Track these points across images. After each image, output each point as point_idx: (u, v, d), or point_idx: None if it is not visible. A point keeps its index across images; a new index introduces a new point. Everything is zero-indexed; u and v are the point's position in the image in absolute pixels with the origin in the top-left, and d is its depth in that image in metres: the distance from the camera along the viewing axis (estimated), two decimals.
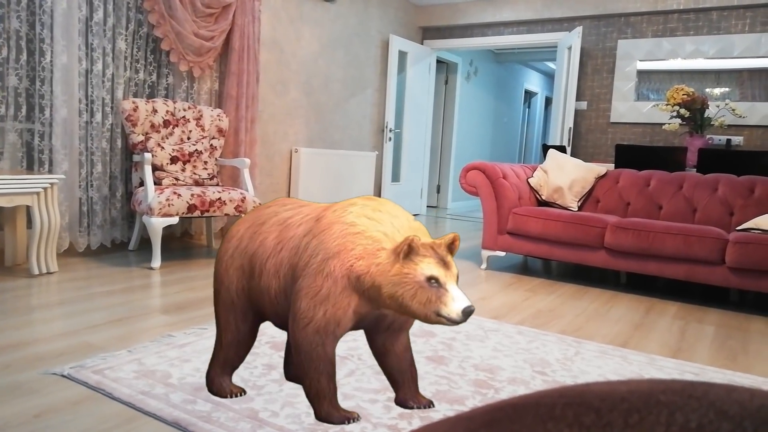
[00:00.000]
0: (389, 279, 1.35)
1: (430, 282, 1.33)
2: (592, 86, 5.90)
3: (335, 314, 1.41)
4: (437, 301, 1.32)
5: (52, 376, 1.72)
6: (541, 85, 10.86)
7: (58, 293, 2.66)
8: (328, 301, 1.40)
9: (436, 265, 1.35)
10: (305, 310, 1.41)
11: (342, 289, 1.40)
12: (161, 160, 3.54)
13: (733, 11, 5.19)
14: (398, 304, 1.35)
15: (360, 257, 1.39)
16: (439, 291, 1.33)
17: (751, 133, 5.14)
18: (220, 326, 1.63)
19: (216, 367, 1.64)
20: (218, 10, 4.08)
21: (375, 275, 1.37)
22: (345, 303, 1.41)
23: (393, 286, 1.34)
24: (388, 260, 1.37)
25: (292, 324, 1.45)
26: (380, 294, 1.37)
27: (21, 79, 3.21)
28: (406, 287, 1.33)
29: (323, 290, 1.40)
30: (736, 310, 3.14)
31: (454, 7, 6.64)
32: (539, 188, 4.07)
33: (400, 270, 1.34)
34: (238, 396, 1.64)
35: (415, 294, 1.33)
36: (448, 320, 1.33)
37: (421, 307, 1.32)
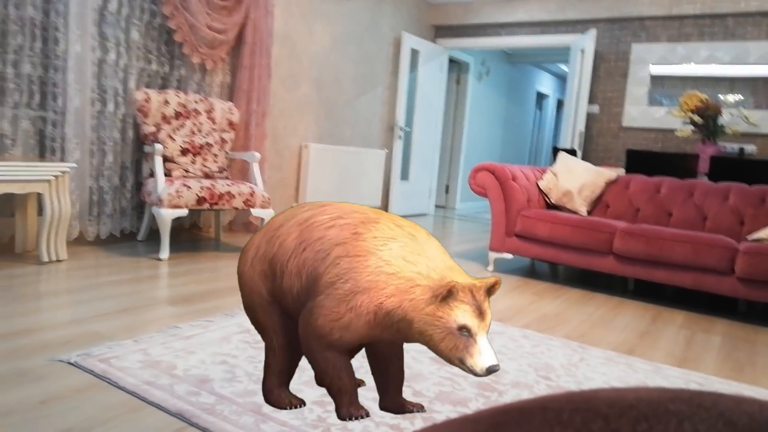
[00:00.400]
0: (421, 317, 1.35)
1: (462, 331, 1.33)
2: (604, 90, 5.86)
3: (351, 340, 1.43)
4: (464, 350, 1.33)
5: (58, 363, 1.74)
6: (554, 88, 10.81)
7: (67, 281, 2.69)
8: (347, 331, 1.41)
9: (471, 315, 1.34)
10: (322, 327, 1.42)
11: (364, 324, 1.40)
12: (172, 152, 3.56)
13: (750, 18, 5.14)
14: (425, 341, 1.36)
15: (392, 295, 1.38)
16: (468, 341, 1.33)
17: (764, 142, 5.09)
18: (266, 334, 1.57)
19: (272, 377, 1.59)
20: (232, 3, 4.09)
21: (407, 310, 1.37)
22: (363, 332, 1.42)
23: (424, 325, 1.35)
24: (422, 297, 1.36)
25: (305, 329, 1.44)
26: (410, 328, 1.37)
27: (35, 67, 3.23)
28: (437, 330, 1.34)
29: (344, 320, 1.40)
30: (744, 321, 3.12)
31: (468, 6, 6.61)
32: (548, 191, 4.05)
33: (434, 312, 1.34)
34: (298, 407, 1.58)
35: (444, 338, 1.34)
36: (470, 371, 1.34)
37: (447, 351, 1.34)
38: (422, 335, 1.36)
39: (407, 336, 1.39)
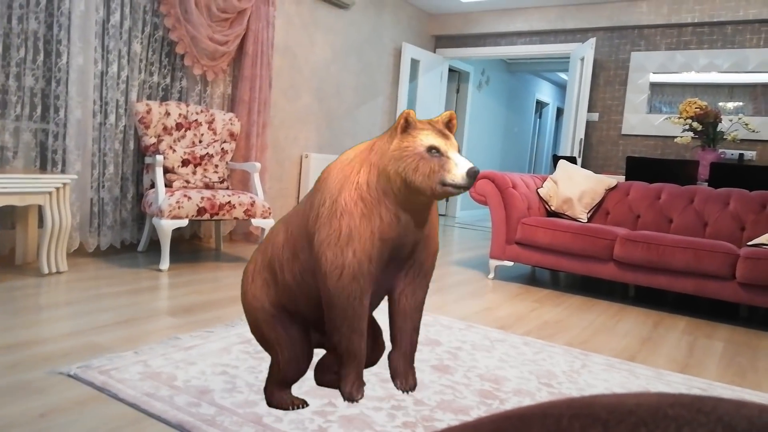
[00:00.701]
0: (390, 155, 1.34)
1: (431, 152, 1.32)
2: (604, 98, 5.88)
3: (363, 251, 1.36)
4: (440, 170, 1.31)
5: (58, 376, 1.73)
6: (553, 96, 10.84)
7: (67, 293, 2.68)
8: (353, 240, 1.35)
9: (435, 136, 1.34)
10: (333, 260, 1.36)
11: (360, 217, 1.36)
12: (173, 163, 3.57)
13: (748, 26, 5.17)
14: (404, 180, 1.33)
15: (359, 170, 1.38)
16: (441, 160, 1.32)
17: (764, 148, 5.10)
18: (272, 349, 1.57)
19: (273, 383, 1.59)
20: (233, 15, 4.11)
21: (378, 164, 1.36)
22: (368, 233, 1.36)
23: (396, 162, 1.33)
24: (383, 144, 1.36)
25: (325, 280, 1.38)
26: (389, 178, 1.34)
27: (37, 80, 3.25)
28: (408, 160, 1.32)
29: (344, 230, 1.35)
30: (745, 326, 3.11)
31: (468, 16, 6.65)
32: (549, 199, 4.05)
33: (400, 145, 1.34)
34: (300, 407, 1.59)
35: (417, 166, 1.31)
36: (454, 186, 1.31)
37: (426, 179, 1.31)
38: (399, 175, 1.33)
39: (394, 191, 1.35)
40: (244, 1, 4.12)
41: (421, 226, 1.47)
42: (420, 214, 1.44)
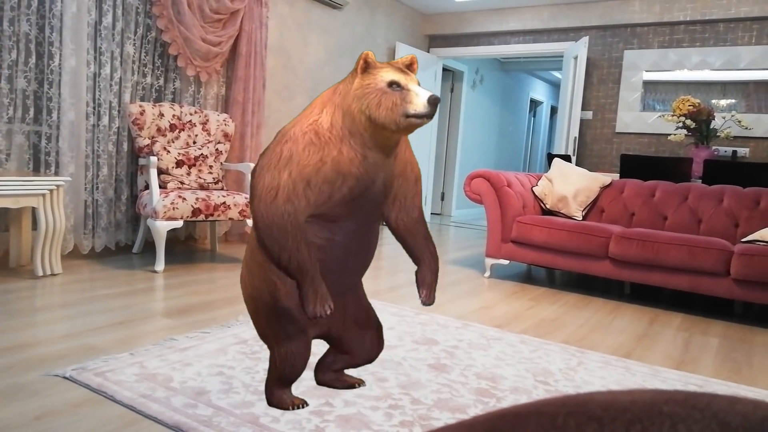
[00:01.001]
0: (353, 94, 1.37)
1: (392, 87, 1.35)
2: (597, 96, 5.90)
3: (302, 172, 1.34)
4: (402, 103, 1.34)
5: (53, 378, 1.72)
6: (547, 95, 10.86)
7: (62, 295, 2.67)
8: (291, 162, 1.35)
9: (395, 72, 1.37)
10: (270, 182, 1.34)
11: (306, 145, 1.36)
12: (167, 164, 3.56)
13: (740, 23, 5.19)
14: (369, 117, 1.35)
15: (320, 111, 1.40)
16: (403, 93, 1.35)
17: (757, 145, 5.13)
18: (270, 341, 1.58)
19: (273, 381, 1.60)
20: (226, 16, 4.10)
21: (342, 105, 1.38)
22: (315, 159, 1.35)
23: (359, 100, 1.36)
24: (347, 84, 1.39)
25: (257, 204, 1.36)
26: (354, 118, 1.36)
27: (29, 82, 3.23)
28: (371, 97, 1.35)
29: (284, 153, 1.35)
30: (740, 322, 3.12)
31: (461, 15, 6.66)
32: (544, 197, 4.06)
33: (361, 83, 1.37)
34: (300, 407, 1.59)
35: (380, 101, 1.34)
36: (416, 116, 1.33)
37: (389, 113, 1.34)
38: (363, 113, 1.35)
39: (360, 129, 1.36)
40: (236, 2, 4.11)
41: (391, 161, 1.47)
42: (389, 150, 1.44)
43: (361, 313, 1.71)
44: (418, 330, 2.46)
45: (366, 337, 1.72)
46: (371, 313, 1.74)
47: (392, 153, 1.46)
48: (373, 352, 1.75)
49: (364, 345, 1.72)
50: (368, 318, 1.73)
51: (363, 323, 1.71)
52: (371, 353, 1.75)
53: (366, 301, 1.74)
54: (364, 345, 1.72)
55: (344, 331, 1.68)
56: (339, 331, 1.68)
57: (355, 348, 1.72)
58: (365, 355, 1.75)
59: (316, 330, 1.63)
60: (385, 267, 4.06)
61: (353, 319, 1.69)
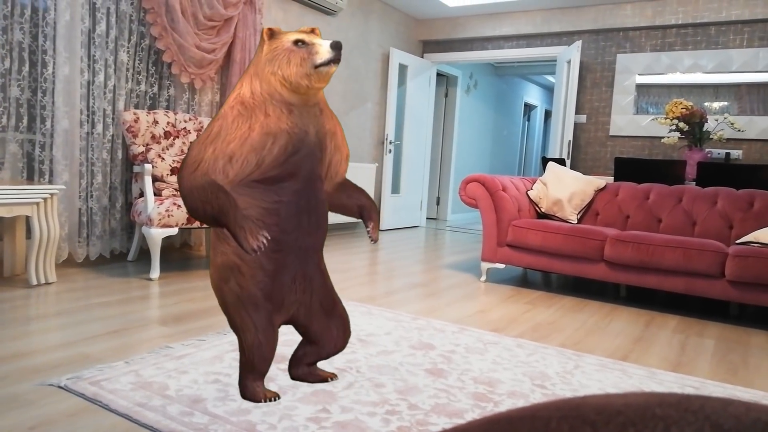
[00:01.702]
0: (264, 60, 1.46)
1: (298, 44, 1.45)
2: (591, 100, 5.92)
3: (225, 149, 1.43)
4: (309, 56, 1.44)
5: (48, 388, 1.71)
6: (541, 99, 10.91)
7: (56, 304, 2.66)
8: (218, 138, 1.43)
9: (299, 33, 1.49)
10: (195, 155, 1.44)
11: (234, 118, 1.44)
12: (161, 171, 3.55)
13: (731, 26, 5.23)
14: (282, 77, 1.44)
15: (240, 86, 1.49)
16: (308, 47, 1.45)
17: (749, 147, 5.16)
18: (239, 332, 1.63)
19: (246, 374, 1.65)
20: (220, 23, 4.11)
21: (256, 73, 1.47)
22: (242, 130, 1.43)
23: (270, 63, 1.46)
24: (259, 54, 1.49)
25: (181, 173, 1.45)
26: (269, 82, 1.46)
27: (23, 90, 3.22)
28: (279, 57, 1.45)
29: (214, 130, 1.45)
30: (736, 323, 3.13)
31: (455, 20, 6.69)
32: (539, 201, 4.07)
33: (269, 48, 1.47)
34: (273, 401, 1.65)
35: (289, 59, 1.44)
36: (324, 63, 1.44)
37: (299, 68, 1.44)
38: (276, 74, 1.44)
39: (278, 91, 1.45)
40: (230, 9, 4.12)
41: (316, 112, 1.57)
42: (311, 110, 1.54)
43: (326, 295, 1.75)
44: (415, 335, 2.45)
45: (332, 325, 1.77)
46: (337, 300, 1.79)
47: (314, 104, 1.55)
48: (340, 341, 1.80)
49: (331, 333, 1.77)
50: (334, 303, 1.77)
51: (329, 309, 1.75)
52: (338, 342, 1.80)
53: (330, 285, 1.78)
54: (331, 333, 1.77)
55: (311, 316, 1.72)
56: (307, 315, 1.71)
57: (322, 337, 1.76)
58: (332, 344, 1.79)
59: (283, 315, 1.67)
60: (380, 272, 4.06)
61: (319, 300, 1.73)
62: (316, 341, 1.78)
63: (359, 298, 3.07)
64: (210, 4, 3.96)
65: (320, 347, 1.79)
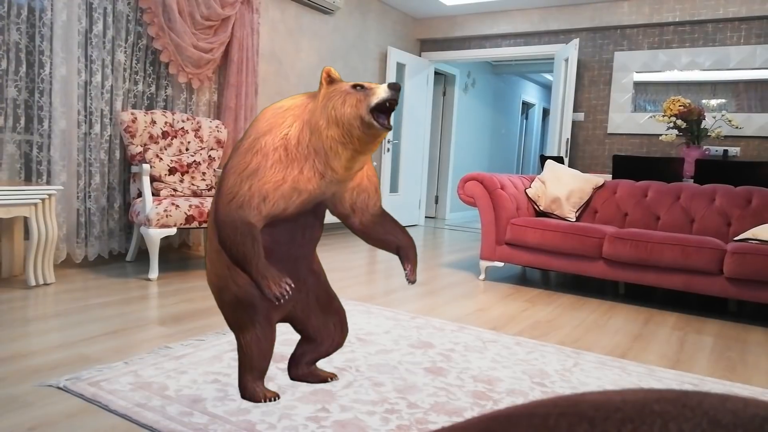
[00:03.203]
0: (320, 105, 1.43)
1: (356, 88, 1.42)
2: (589, 98, 5.93)
3: (261, 188, 1.42)
4: (366, 99, 1.40)
5: (47, 389, 1.71)
6: (539, 97, 10.91)
7: (55, 305, 2.65)
8: (255, 176, 1.42)
9: (360, 82, 1.46)
10: (231, 186, 1.43)
11: (273, 162, 1.42)
12: (159, 171, 3.54)
13: (728, 23, 5.23)
14: (335, 119, 1.40)
15: (291, 124, 1.45)
16: (366, 91, 1.42)
17: (747, 144, 5.16)
18: (237, 331, 1.63)
19: (246, 374, 1.65)
20: (217, 23, 4.10)
21: (310, 121, 1.44)
22: (278, 177, 1.42)
23: (324, 109, 1.42)
24: (316, 99, 1.46)
25: (217, 200, 1.46)
26: (320, 134, 1.42)
27: (20, 91, 3.22)
28: (335, 99, 1.42)
29: (252, 165, 1.43)
30: (734, 320, 3.14)
31: (452, 19, 6.68)
32: (537, 199, 4.07)
33: (326, 92, 1.44)
34: (273, 400, 1.65)
35: (344, 100, 1.41)
36: (380, 101, 1.39)
37: (354, 109, 1.40)
38: (329, 119, 1.41)
39: (324, 148, 1.42)
40: (227, 9, 4.12)
41: (346, 184, 1.57)
42: (352, 172, 1.51)
43: (321, 291, 1.75)
44: (414, 334, 2.46)
45: (329, 322, 1.77)
46: (333, 296, 1.79)
47: (353, 174, 1.53)
48: (338, 337, 1.80)
49: (328, 330, 1.77)
50: (330, 299, 1.77)
51: (325, 305, 1.76)
52: (336, 339, 1.80)
53: (326, 281, 1.79)
54: (328, 330, 1.77)
55: (309, 313, 1.73)
56: (303, 312, 1.72)
57: (319, 334, 1.77)
58: (330, 341, 1.79)
59: (280, 313, 1.67)
60: (379, 271, 4.06)
61: (315, 296, 1.73)
62: (314, 338, 1.78)
63: (358, 297, 3.07)
64: (207, 4, 3.96)
65: (318, 344, 1.79)
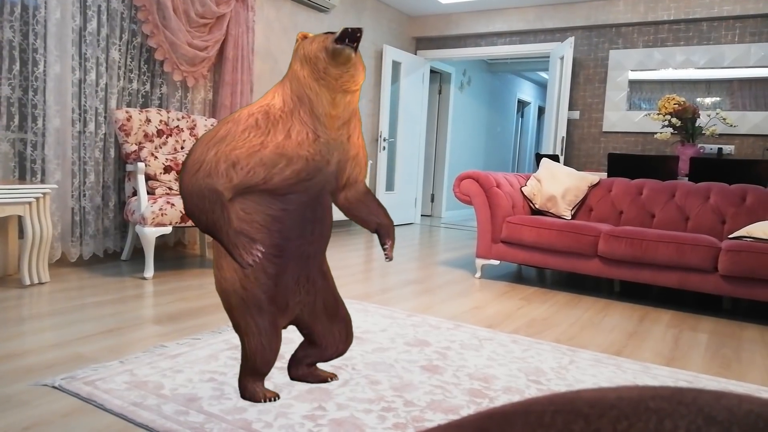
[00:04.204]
0: (295, 55, 1.50)
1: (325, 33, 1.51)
2: (584, 96, 5.94)
3: (229, 154, 1.39)
4: (330, 36, 1.47)
5: (42, 388, 1.71)
6: (534, 95, 10.92)
7: (50, 304, 2.64)
8: (222, 142, 1.40)
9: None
10: (198, 155, 1.40)
11: (247, 128, 1.41)
12: (155, 170, 3.53)
13: (723, 22, 5.25)
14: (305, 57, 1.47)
15: (273, 95, 1.46)
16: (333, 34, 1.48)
17: (742, 142, 5.19)
18: (242, 334, 1.62)
19: (247, 375, 1.66)
20: (212, 21, 4.09)
21: (289, 76, 1.48)
22: (253, 143, 1.40)
23: (296, 53, 1.51)
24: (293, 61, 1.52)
25: (182, 174, 1.41)
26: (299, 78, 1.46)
27: (14, 89, 3.20)
28: (306, 42, 1.51)
29: (220, 132, 1.41)
30: (729, 317, 3.15)
31: (448, 17, 6.68)
32: (533, 197, 4.08)
33: (300, 43, 1.52)
34: (273, 401, 1.65)
35: (312, 40, 1.50)
36: (338, 38, 1.44)
37: (320, 44, 1.48)
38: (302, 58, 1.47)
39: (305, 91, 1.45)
40: (222, 6, 4.10)
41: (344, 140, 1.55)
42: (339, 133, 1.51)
43: (329, 297, 1.74)
44: (410, 331, 2.46)
45: (335, 329, 1.76)
46: (340, 303, 1.78)
47: (343, 127, 1.52)
48: (342, 345, 1.80)
49: (333, 337, 1.77)
50: (337, 306, 1.76)
51: (332, 312, 1.75)
52: (340, 346, 1.79)
53: (334, 287, 1.78)
54: (333, 337, 1.77)
55: (314, 318, 1.72)
56: (310, 316, 1.71)
57: (324, 340, 1.76)
58: (334, 348, 1.79)
59: (287, 317, 1.67)
60: (376, 269, 4.06)
61: (323, 302, 1.72)
62: (318, 343, 1.77)
63: (355, 296, 3.07)
64: (202, 2, 3.94)
65: (322, 350, 1.78)
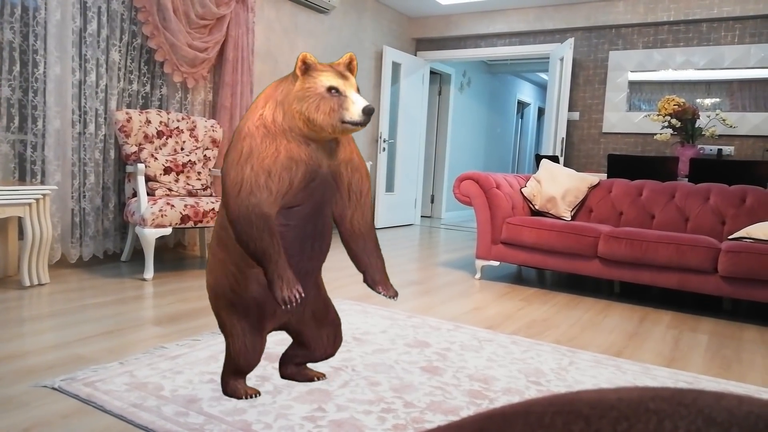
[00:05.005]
0: (294, 95, 1.45)
1: (331, 92, 1.44)
2: (584, 97, 5.94)
3: (262, 164, 1.42)
4: (339, 109, 1.43)
5: (42, 389, 1.70)
6: (534, 96, 10.93)
7: (50, 305, 2.64)
8: (252, 156, 1.43)
9: (335, 77, 1.46)
10: (234, 177, 1.43)
11: (262, 137, 1.44)
12: (154, 171, 3.53)
13: (723, 23, 5.25)
14: (308, 119, 1.43)
15: (264, 105, 1.48)
16: (341, 98, 1.44)
17: (741, 143, 5.19)
18: (227, 335, 1.64)
19: (229, 372, 1.68)
20: (212, 22, 4.09)
21: (283, 103, 1.46)
22: (271, 150, 1.43)
23: (299, 102, 1.44)
24: (290, 84, 1.47)
25: (226, 200, 1.46)
26: (293, 117, 1.45)
27: (14, 90, 3.20)
28: (310, 101, 1.43)
29: (245, 150, 1.44)
30: (729, 318, 3.15)
31: (448, 18, 6.69)
32: (533, 198, 4.08)
33: (302, 86, 1.45)
34: (253, 397, 1.67)
35: (318, 105, 1.43)
36: (352, 123, 1.43)
37: (327, 117, 1.43)
38: (302, 114, 1.43)
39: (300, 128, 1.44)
40: (222, 8, 4.10)
41: (333, 153, 1.56)
42: (327, 144, 1.53)
43: (319, 305, 1.75)
44: (410, 333, 2.46)
45: (323, 333, 1.77)
46: (330, 308, 1.79)
47: (331, 145, 1.54)
48: (330, 348, 1.81)
49: (321, 341, 1.78)
50: (326, 312, 1.77)
51: (321, 318, 1.76)
52: (328, 349, 1.81)
53: (325, 293, 1.78)
54: (321, 341, 1.78)
55: (303, 324, 1.73)
56: (299, 323, 1.72)
57: (313, 343, 1.77)
58: (322, 351, 1.81)
59: (274, 322, 1.67)
60: None
61: (312, 310, 1.73)
62: (306, 346, 1.79)
63: (355, 297, 3.07)
64: (202, 3, 3.95)
65: (310, 352, 1.80)
